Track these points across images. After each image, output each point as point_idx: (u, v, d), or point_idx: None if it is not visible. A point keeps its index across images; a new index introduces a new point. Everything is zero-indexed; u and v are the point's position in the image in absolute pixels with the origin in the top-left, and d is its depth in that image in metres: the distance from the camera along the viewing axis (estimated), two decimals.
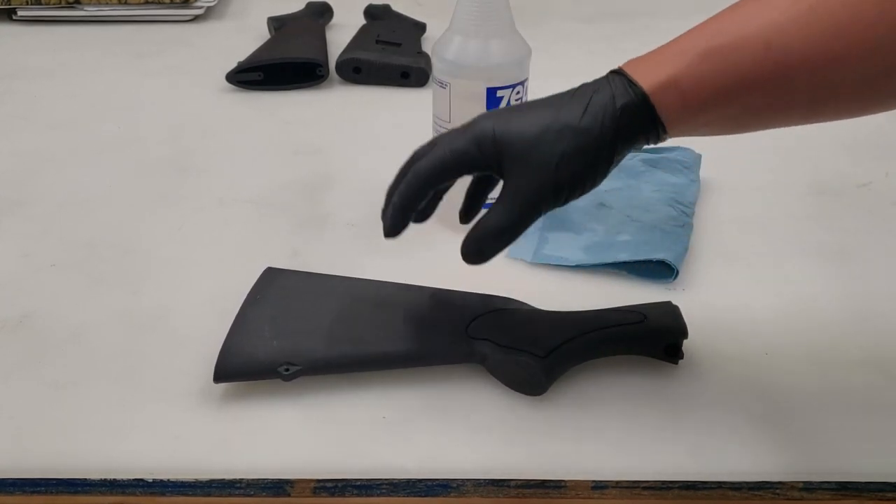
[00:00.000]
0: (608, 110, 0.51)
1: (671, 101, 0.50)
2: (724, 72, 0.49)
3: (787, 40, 0.47)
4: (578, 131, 0.51)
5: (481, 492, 0.53)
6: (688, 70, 0.49)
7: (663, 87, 0.50)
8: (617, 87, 0.51)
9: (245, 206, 0.83)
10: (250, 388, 0.60)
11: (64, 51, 1.20)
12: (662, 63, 0.51)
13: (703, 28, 0.51)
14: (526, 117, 0.53)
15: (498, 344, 0.60)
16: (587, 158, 0.51)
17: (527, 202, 0.52)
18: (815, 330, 0.66)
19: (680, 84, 0.50)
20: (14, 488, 0.53)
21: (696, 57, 0.49)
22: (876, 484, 0.53)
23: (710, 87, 0.49)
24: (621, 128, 0.51)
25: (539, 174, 0.51)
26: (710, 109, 0.50)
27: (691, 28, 0.52)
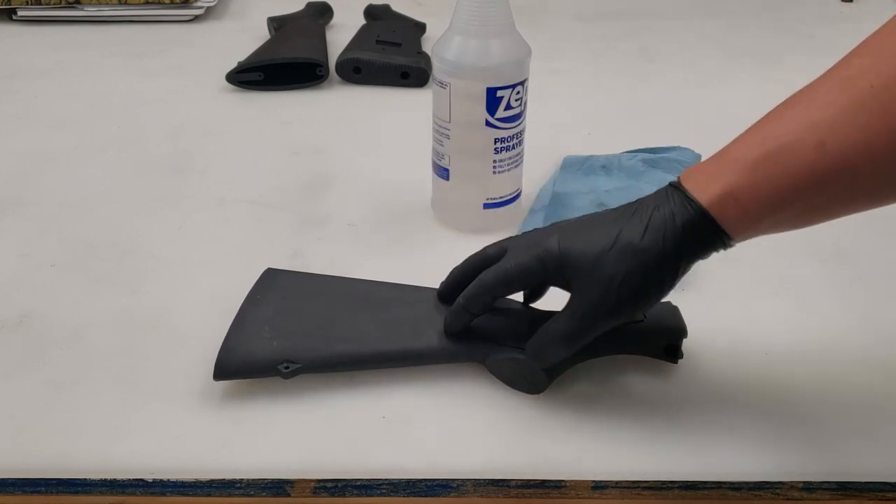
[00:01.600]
0: (668, 228, 0.51)
1: (731, 213, 0.50)
2: (780, 178, 0.49)
3: (841, 136, 0.47)
4: (639, 251, 0.52)
5: (481, 492, 0.53)
6: (743, 180, 0.49)
7: (721, 200, 0.50)
8: (676, 204, 0.52)
9: (245, 206, 0.83)
10: (250, 388, 0.60)
11: (64, 51, 1.20)
12: (718, 174, 0.51)
13: (754, 133, 0.51)
14: (590, 236, 0.54)
15: (498, 343, 0.60)
16: (648, 276, 0.52)
17: (588, 316, 0.54)
18: (815, 330, 0.66)
19: (737, 195, 0.50)
20: (14, 488, 0.53)
21: (750, 165, 0.49)
22: (876, 484, 0.53)
23: (768, 195, 0.49)
24: (684, 244, 0.52)
25: (601, 292, 0.53)
26: (771, 214, 0.50)
27: (743, 133, 0.52)
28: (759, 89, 1.09)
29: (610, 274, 0.52)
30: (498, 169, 0.74)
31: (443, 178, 0.76)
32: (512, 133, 0.74)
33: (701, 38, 1.26)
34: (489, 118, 0.72)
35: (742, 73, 1.14)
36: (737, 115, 1.05)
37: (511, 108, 0.72)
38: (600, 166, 0.85)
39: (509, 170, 0.75)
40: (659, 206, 0.53)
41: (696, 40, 1.25)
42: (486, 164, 0.74)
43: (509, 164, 0.75)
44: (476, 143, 0.73)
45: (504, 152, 0.74)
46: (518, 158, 0.76)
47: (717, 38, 1.26)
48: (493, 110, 0.72)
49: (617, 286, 0.52)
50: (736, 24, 1.32)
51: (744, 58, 1.19)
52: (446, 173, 0.75)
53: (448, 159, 0.75)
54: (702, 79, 1.12)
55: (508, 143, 0.74)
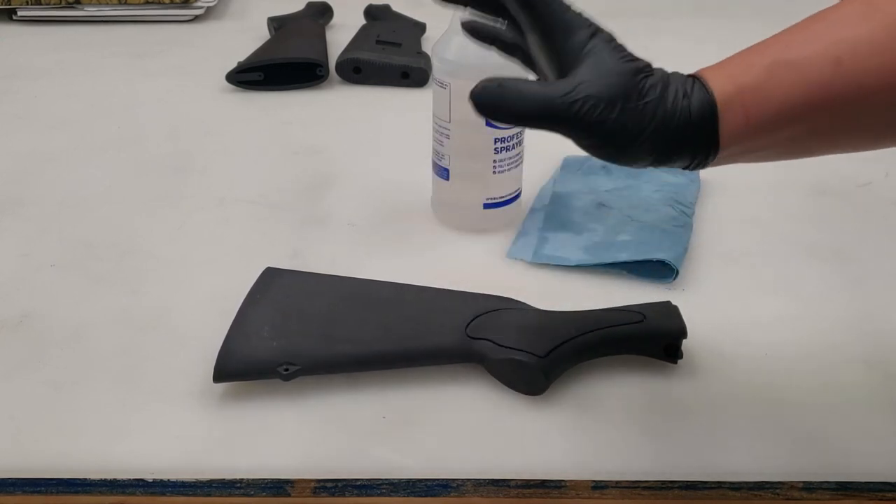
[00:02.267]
0: (677, 104, 0.48)
1: (733, 117, 0.47)
2: (790, 87, 0.46)
3: (859, 59, 0.45)
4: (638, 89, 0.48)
5: (481, 492, 0.53)
6: (755, 83, 0.47)
7: (729, 99, 0.47)
8: (691, 86, 0.49)
9: (245, 206, 0.83)
10: (250, 388, 0.60)
11: (64, 51, 1.20)
12: (731, 75, 0.48)
13: (770, 43, 0.49)
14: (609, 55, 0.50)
15: (497, 344, 0.60)
16: (627, 112, 0.47)
17: (566, 100, 0.48)
18: (814, 330, 0.66)
19: (745, 98, 0.47)
20: (14, 488, 0.53)
21: (764, 70, 0.47)
22: (876, 484, 0.53)
23: (776, 104, 0.46)
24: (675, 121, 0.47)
25: (595, 92, 0.47)
26: (771, 129, 0.47)
27: (758, 43, 0.49)
28: None
29: (612, 85, 0.48)
30: (498, 169, 0.74)
31: (443, 178, 0.76)
32: (512, 133, 0.74)
33: (701, 38, 1.26)
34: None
35: None
36: None
37: None
38: (600, 166, 0.85)
39: (509, 170, 0.75)
40: (678, 81, 0.49)
41: (697, 40, 1.25)
42: (486, 164, 0.74)
43: (509, 164, 0.75)
44: (476, 143, 0.73)
45: (504, 152, 0.74)
46: (518, 158, 0.76)
47: (718, 39, 1.25)
48: None
49: (612, 100, 0.47)
50: (736, 24, 1.32)
51: None
52: (446, 173, 0.75)
53: (448, 159, 0.75)
54: None
55: (508, 143, 0.74)
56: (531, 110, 0.48)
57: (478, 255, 0.75)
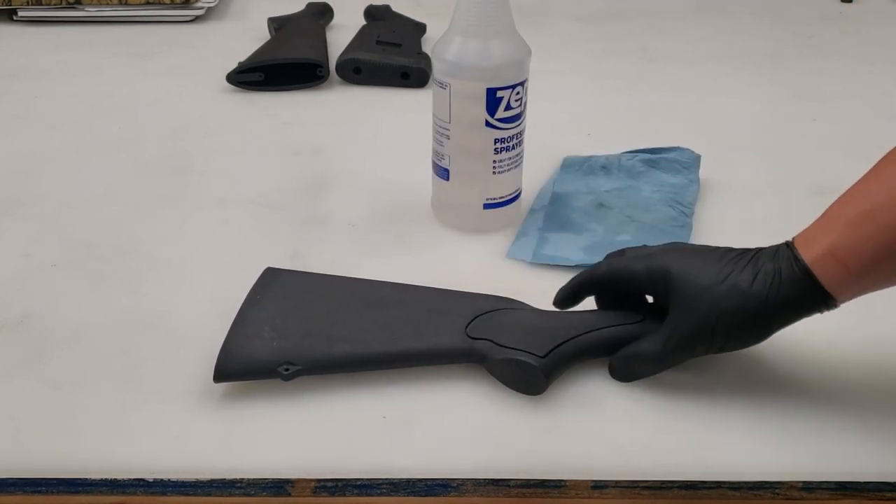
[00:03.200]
0: (775, 280, 0.54)
1: (833, 272, 0.52)
2: (879, 235, 0.51)
3: None
4: (745, 294, 0.54)
5: (481, 492, 0.53)
6: (842, 239, 0.52)
7: (823, 259, 0.53)
8: (783, 259, 0.54)
9: (245, 207, 0.83)
10: (250, 388, 0.60)
11: (64, 51, 1.20)
12: (821, 234, 0.54)
13: (852, 193, 0.54)
14: (703, 267, 0.57)
15: (497, 344, 0.60)
16: (748, 319, 0.55)
17: (681, 341, 0.57)
18: (814, 329, 0.66)
19: (837, 254, 0.52)
20: (14, 488, 0.53)
21: (849, 224, 0.52)
22: (876, 484, 0.53)
23: (869, 252, 0.51)
24: (787, 298, 0.54)
25: (699, 322, 0.56)
26: (874, 271, 0.52)
27: (847, 191, 0.55)
28: (758, 89, 1.09)
29: (713, 307, 0.55)
30: (498, 169, 0.75)
31: (443, 178, 0.76)
32: (512, 133, 0.74)
33: (701, 38, 1.26)
34: (489, 118, 0.72)
35: (742, 73, 1.14)
36: (736, 115, 1.06)
37: (511, 109, 0.72)
38: (600, 167, 0.85)
39: (509, 170, 0.75)
40: (770, 259, 0.55)
41: (697, 40, 1.25)
42: (486, 165, 0.74)
43: (509, 164, 0.75)
44: (476, 143, 0.73)
45: (504, 152, 0.74)
46: (518, 158, 0.76)
47: (718, 38, 1.26)
48: (493, 111, 0.72)
49: (715, 320, 0.55)
50: (736, 24, 1.32)
51: (744, 58, 1.19)
52: (446, 173, 0.76)
53: (448, 159, 0.75)
54: (702, 79, 1.12)
55: (508, 143, 0.74)
56: (654, 364, 0.59)
57: (478, 255, 0.75)
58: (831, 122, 1.01)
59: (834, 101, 1.05)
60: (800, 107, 1.04)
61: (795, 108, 1.04)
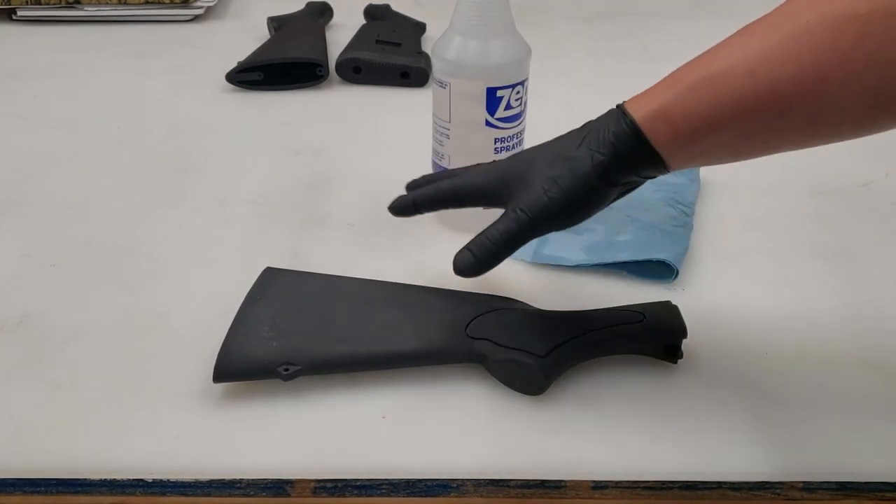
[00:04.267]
0: (601, 140, 0.54)
1: (662, 131, 0.52)
2: (710, 101, 0.50)
3: (771, 67, 0.49)
4: (570, 157, 0.55)
5: (481, 492, 0.53)
6: (675, 101, 0.52)
7: (652, 117, 0.52)
8: (612, 120, 0.54)
9: (245, 206, 0.83)
10: (250, 388, 0.60)
11: (64, 51, 1.20)
12: (654, 95, 0.53)
13: (697, 59, 0.53)
14: (530, 151, 0.59)
15: (497, 344, 0.60)
16: (578, 181, 0.55)
17: (522, 220, 0.56)
18: (815, 330, 0.66)
19: (668, 114, 0.52)
20: (14, 488, 0.53)
21: (685, 88, 0.51)
22: (876, 484, 0.53)
23: (698, 116, 0.51)
24: (615, 157, 0.54)
25: (535, 193, 0.56)
26: (701, 138, 0.51)
27: (690, 60, 0.54)
28: None
29: (545, 175, 0.55)
30: None
31: None
32: (512, 133, 0.74)
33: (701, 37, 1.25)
34: (489, 118, 0.72)
35: None
36: None
37: (511, 108, 0.72)
38: None
39: None
40: (599, 123, 0.55)
41: (697, 40, 1.25)
42: None
43: None
44: (476, 142, 0.73)
45: (504, 152, 0.74)
46: None
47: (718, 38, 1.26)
48: (493, 110, 0.72)
49: (547, 187, 0.55)
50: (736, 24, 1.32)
51: None
52: None
53: (448, 159, 0.75)
54: None
55: (508, 143, 0.74)
56: (503, 247, 0.57)
57: None
58: None
59: None
60: None
61: None
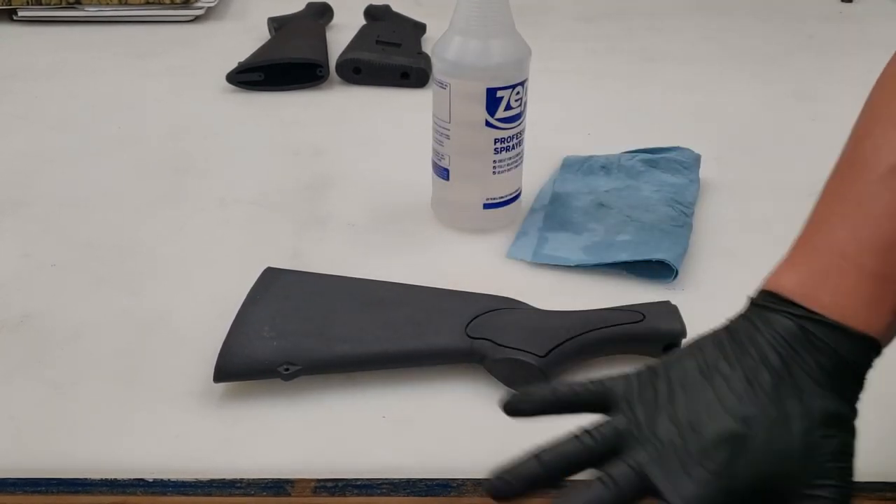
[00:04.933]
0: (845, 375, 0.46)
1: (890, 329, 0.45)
2: None
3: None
4: (844, 418, 0.46)
5: (481, 492, 0.53)
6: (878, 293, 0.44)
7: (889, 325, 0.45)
8: (836, 342, 0.46)
9: (245, 207, 0.83)
10: (250, 388, 0.60)
11: (64, 51, 1.20)
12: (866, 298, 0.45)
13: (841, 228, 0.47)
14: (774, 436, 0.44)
15: (497, 344, 0.60)
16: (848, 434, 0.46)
17: None
18: None
19: None
20: (14, 488, 0.53)
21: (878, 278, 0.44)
22: (876, 484, 0.53)
23: None
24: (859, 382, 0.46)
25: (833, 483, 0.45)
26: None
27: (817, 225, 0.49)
28: (758, 89, 1.09)
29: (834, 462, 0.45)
30: (498, 169, 0.74)
31: (443, 178, 0.76)
32: (512, 133, 0.74)
33: (701, 37, 1.26)
34: (489, 118, 0.72)
35: (742, 73, 1.14)
36: (736, 115, 1.05)
37: (511, 109, 0.72)
38: (600, 166, 0.85)
39: (509, 170, 0.75)
40: (811, 352, 0.46)
41: (697, 40, 1.25)
42: (486, 164, 0.74)
43: (509, 164, 0.75)
44: (476, 143, 0.73)
45: (504, 152, 0.74)
46: (518, 158, 0.76)
47: (718, 38, 1.26)
48: (493, 110, 0.72)
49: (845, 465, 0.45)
50: (736, 24, 1.32)
51: (744, 57, 1.19)
52: (446, 173, 0.75)
53: (448, 159, 0.75)
54: (702, 79, 1.12)
55: (508, 143, 0.74)
56: None
57: (478, 255, 0.75)
58: (831, 122, 1.01)
59: (834, 101, 1.05)
60: (799, 107, 1.04)
61: (795, 108, 1.04)
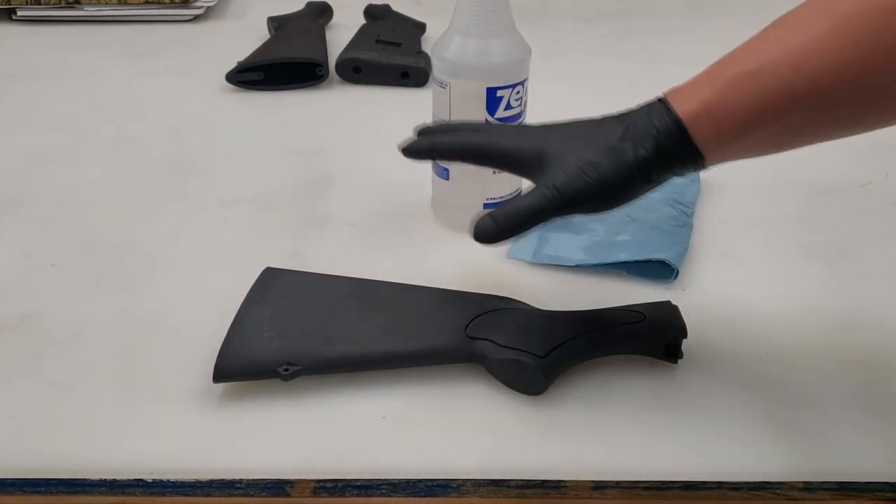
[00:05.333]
0: (645, 134, 0.53)
1: (705, 128, 0.52)
2: (755, 97, 0.50)
3: (816, 59, 0.48)
4: (613, 147, 0.54)
5: (481, 492, 0.53)
6: (719, 97, 0.51)
7: (696, 114, 0.52)
8: (655, 114, 0.54)
9: (245, 206, 0.83)
10: (250, 388, 0.60)
11: (64, 51, 1.20)
12: (695, 91, 0.52)
13: (734, 54, 0.53)
14: (563, 128, 0.58)
15: (497, 344, 0.60)
16: (619, 170, 0.54)
17: (554, 198, 0.55)
18: (814, 330, 0.66)
19: (712, 111, 0.51)
20: (14, 488, 0.53)
21: (726, 83, 0.51)
22: (876, 484, 0.53)
23: (743, 113, 0.50)
24: (658, 153, 0.53)
25: (574, 173, 0.54)
26: (745, 134, 0.51)
27: (725, 55, 0.53)
28: None
29: (584, 159, 0.54)
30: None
31: (443, 177, 0.76)
32: None
33: (701, 37, 1.26)
34: (489, 118, 0.72)
35: None
36: None
37: (511, 108, 0.72)
38: None
39: None
40: (641, 115, 0.55)
41: (697, 40, 1.25)
42: None
43: None
44: None
45: None
46: None
47: (718, 38, 1.25)
48: (493, 110, 0.72)
49: (587, 170, 0.54)
50: (736, 24, 1.32)
51: None
52: (446, 173, 0.75)
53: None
54: None
55: None
56: (527, 220, 0.56)
57: (478, 255, 0.75)
58: None
59: None
60: None
61: None
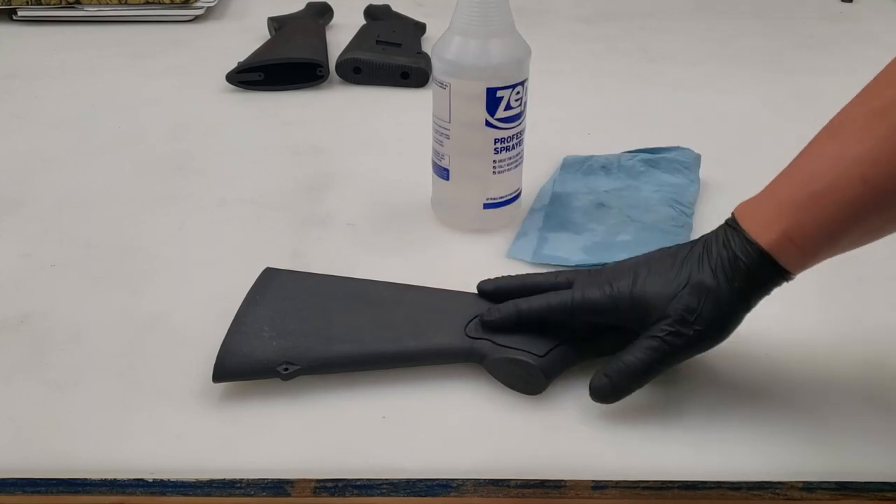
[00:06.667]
0: (735, 270, 0.55)
1: (790, 253, 0.54)
2: (831, 217, 0.52)
3: (882, 168, 0.50)
4: (711, 290, 0.55)
5: (481, 492, 0.53)
6: (795, 222, 0.53)
7: (778, 243, 0.54)
8: (737, 246, 0.55)
9: (245, 206, 0.83)
10: (250, 388, 0.60)
11: (64, 51, 1.20)
12: (772, 218, 0.54)
13: (798, 170, 0.55)
14: (661, 277, 0.57)
15: (497, 343, 0.60)
16: (721, 311, 0.55)
17: (664, 350, 0.56)
18: (814, 330, 0.66)
19: (793, 238, 0.53)
20: (14, 488, 0.53)
21: (799, 208, 0.53)
22: (876, 484, 0.53)
23: (823, 233, 0.53)
24: (750, 283, 0.55)
25: (679, 325, 0.55)
26: (829, 248, 0.54)
27: (788, 167, 0.56)
28: (758, 89, 1.09)
29: (686, 308, 0.55)
30: (498, 169, 0.75)
31: (443, 178, 0.76)
32: (512, 133, 0.74)
33: (701, 37, 1.26)
34: (489, 118, 0.72)
35: (742, 73, 1.14)
36: (737, 115, 1.06)
37: (511, 108, 0.72)
38: (600, 166, 0.85)
39: (509, 170, 0.75)
40: (720, 246, 0.56)
41: (697, 40, 1.25)
42: (486, 164, 0.74)
43: (509, 164, 0.75)
44: (476, 143, 0.73)
45: (504, 152, 0.74)
46: (518, 158, 0.76)
47: (718, 38, 1.26)
48: (493, 110, 0.72)
49: (693, 319, 0.55)
50: (736, 24, 1.32)
51: (744, 57, 1.19)
52: (446, 173, 0.76)
53: (448, 159, 0.75)
54: (702, 79, 1.12)
55: (508, 143, 0.74)
56: (642, 375, 0.56)
57: (478, 255, 0.75)
58: None
59: (834, 101, 1.05)
60: (800, 107, 1.04)
61: (795, 108, 1.04)
